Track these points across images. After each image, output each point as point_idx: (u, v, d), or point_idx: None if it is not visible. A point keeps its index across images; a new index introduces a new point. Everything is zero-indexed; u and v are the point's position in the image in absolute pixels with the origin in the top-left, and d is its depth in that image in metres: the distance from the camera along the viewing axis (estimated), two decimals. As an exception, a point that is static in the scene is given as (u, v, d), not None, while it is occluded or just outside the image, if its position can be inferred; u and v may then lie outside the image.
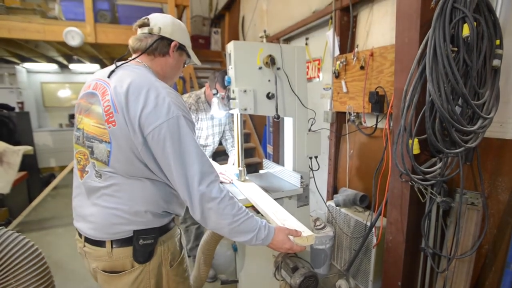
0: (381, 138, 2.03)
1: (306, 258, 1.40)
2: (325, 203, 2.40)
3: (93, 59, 4.95)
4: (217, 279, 2.39)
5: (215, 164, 1.89)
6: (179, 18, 4.23)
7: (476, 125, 1.35)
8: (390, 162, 1.68)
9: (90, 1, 3.26)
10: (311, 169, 1.71)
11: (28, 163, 3.56)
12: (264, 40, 1.58)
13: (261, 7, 4.08)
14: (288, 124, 1.66)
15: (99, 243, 0.95)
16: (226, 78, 1.49)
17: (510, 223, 1.44)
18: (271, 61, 1.47)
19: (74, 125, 1.04)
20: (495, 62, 1.33)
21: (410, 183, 1.55)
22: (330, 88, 2.57)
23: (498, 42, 1.32)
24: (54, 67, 5.73)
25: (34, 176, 4.23)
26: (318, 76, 2.99)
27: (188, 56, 1.15)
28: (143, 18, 1.05)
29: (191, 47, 1.17)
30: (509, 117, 1.42)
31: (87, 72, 6.05)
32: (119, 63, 0.99)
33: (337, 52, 2.43)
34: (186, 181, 0.88)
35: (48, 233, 3.24)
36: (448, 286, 1.58)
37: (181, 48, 1.09)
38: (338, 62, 2.37)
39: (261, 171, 1.95)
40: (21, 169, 3.00)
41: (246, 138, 4.74)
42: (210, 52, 5.95)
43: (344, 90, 2.36)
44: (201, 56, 3.48)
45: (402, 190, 1.63)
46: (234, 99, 1.47)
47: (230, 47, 1.44)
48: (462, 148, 1.37)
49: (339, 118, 2.59)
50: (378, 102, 2.01)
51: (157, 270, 1.00)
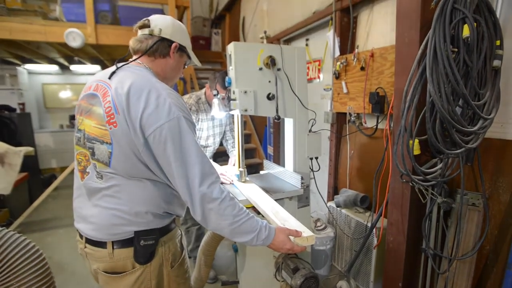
0: (381, 139, 2.03)
1: (306, 259, 1.40)
2: (325, 204, 2.40)
3: (94, 60, 4.96)
4: (217, 280, 2.39)
5: (216, 165, 1.89)
6: (180, 19, 4.24)
7: (476, 125, 1.35)
8: (391, 162, 1.68)
9: (91, 2, 3.27)
10: (312, 170, 1.71)
11: (29, 164, 3.57)
12: (265, 41, 1.59)
13: (261, 8, 4.09)
14: (289, 125, 1.66)
15: (100, 244, 0.96)
16: (227, 79, 1.49)
17: (511, 224, 1.44)
18: (271, 62, 1.47)
19: (75, 126, 1.04)
20: (496, 63, 1.32)
21: (411, 184, 1.55)
22: (331, 89, 2.57)
23: (498, 43, 1.32)
24: (55, 68, 5.74)
25: (35, 177, 4.24)
26: (319, 77, 3.00)
27: (189, 57, 1.15)
28: (144, 19, 1.05)
29: (192, 48, 1.17)
30: (509, 117, 1.42)
31: (88, 73, 6.06)
32: (119, 64, 1.00)
33: (337, 53, 2.43)
34: (187, 182, 0.88)
35: (49, 234, 3.25)
36: (449, 287, 1.58)
37: (181, 49, 1.09)
38: (339, 63, 2.37)
39: (261, 172, 1.96)
40: (22, 170, 3.00)
41: (247, 139, 4.74)
42: (210, 53, 5.97)
43: (345, 90, 2.36)
44: (201, 57, 3.48)
45: (402, 190, 1.63)
46: (234, 100, 1.47)
47: (231, 48, 1.45)
48: (463, 149, 1.36)
49: (340, 119, 2.59)
50: (378, 103, 2.01)
51: (158, 271, 1.00)
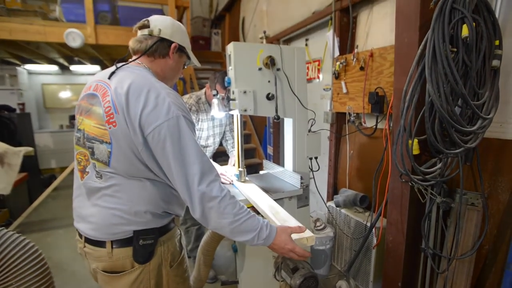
0: (381, 139, 2.03)
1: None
2: (325, 204, 2.40)
3: (93, 60, 4.96)
4: (217, 280, 2.39)
5: (216, 165, 1.89)
6: (180, 19, 4.24)
7: (475, 125, 1.35)
8: (390, 162, 1.68)
9: (90, 2, 3.27)
10: (311, 169, 1.71)
11: (29, 164, 3.57)
12: (264, 41, 1.59)
13: (261, 8, 4.09)
14: (288, 125, 1.66)
15: (99, 244, 0.96)
16: (226, 79, 1.49)
17: (510, 223, 1.44)
18: (271, 62, 1.47)
19: (74, 126, 1.05)
20: (495, 63, 1.33)
21: (410, 184, 1.55)
22: (330, 88, 2.58)
23: (497, 43, 1.32)
24: (55, 68, 5.75)
25: (35, 177, 4.24)
26: (318, 77, 3.00)
27: (188, 57, 1.15)
28: (143, 20, 1.06)
29: (191, 49, 1.17)
30: (509, 117, 1.42)
31: (87, 73, 6.06)
32: (119, 65, 1.00)
33: (337, 53, 2.43)
34: (186, 180, 0.88)
35: (49, 234, 3.25)
36: (448, 287, 1.58)
37: (181, 49, 1.10)
38: (338, 63, 2.38)
39: (261, 172, 1.96)
40: (21, 170, 3.00)
41: (247, 139, 4.74)
42: (210, 53, 5.97)
43: (344, 90, 2.36)
44: (201, 57, 3.48)
45: (402, 190, 1.63)
46: (234, 100, 1.47)
47: (230, 48, 1.45)
48: (462, 149, 1.37)
49: (339, 119, 2.59)
50: (378, 103, 2.01)
51: (157, 271, 1.00)
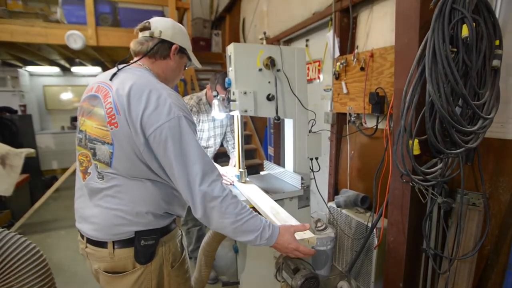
0: (381, 139, 2.03)
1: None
2: (326, 204, 2.39)
3: (95, 62, 4.98)
4: (218, 280, 2.39)
5: (217, 165, 1.90)
6: (180, 20, 4.26)
7: (476, 125, 1.35)
8: (391, 163, 1.68)
9: (91, 4, 3.29)
10: (312, 170, 1.71)
11: (31, 166, 3.57)
12: (264, 42, 1.59)
13: (261, 9, 4.10)
14: (289, 126, 1.66)
15: (101, 244, 0.96)
16: (227, 80, 1.49)
17: (512, 223, 1.44)
18: (271, 63, 1.48)
19: (76, 127, 1.05)
20: (495, 63, 1.32)
21: (411, 184, 1.55)
22: (331, 89, 2.58)
23: (497, 43, 1.32)
24: (56, 70, 5.77)
25: (36, 179, 4.25)
26: (319, 78, 3.00)
27: (189, 59, 1.16)
28: (144, 22, 1.06)
29: (192, 50, 1.18)
30: (509, 117, 1.42)
31: (89, 75, 6.08)
32: (121, 66, 1.01)
33: (337, 54, 2.43)
34: (188, 180, 0.89)
35: (50, 235, 3.26)
36: (450, 287, 1.57)
37: (181, 51, 1.10)
38: (338, 63, 2.38)
39: (261, 173, 1.96)
40: (23, 171, 3.01)
41: (247, 139, 4.74)
42: (211, 54, 5.98)
43: (345, 91, 2.36)
44: (202, 58, 3.49)
45: (403, 191, 1.63)
46: (234, 100, 1.47)
47: (230, 49, 1.45)
48: (463, 149, 1.36)
49: (340, 119, 2.59)
50: (378, 103, 2.01)
51: (158, 271, 1.00)
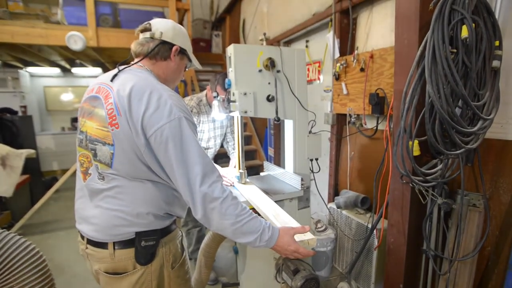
0: (381, 140, 2.03)
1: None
2: (326, 205, 2.39)
3: (95, 63, 4.99)
4: (218, 281, 2.39)
5: (217, 166, 1.90)
6: (180, 21, 4.26)
7: (476, 126, 1.35)
8: (391, 163, 1.68)
9: (92, 5, 3.30)
10: (312, 171, 1.71)
11: (31, 167, 3.58)
12: (264, 43, 1.60)
13: (261, 10, 4.11)
14: (289, 127, 1.67)
15: (102, 245, 0.96)
16: (226, 81, 1.50)
17: (512, 224, 1.44)
18: (271, 63, 1.48)
19: (77, 128, 1.05)
20: (495, 63, 1.33)
21: (411, 185, 1.55)
22: (331, 90, 2.58)
23: (497, 43, 1.32)
24: (56, 71, 5.78)
25: (37, 179, 4.25)
26: (319, 78, 3.00)
27: (189, 60, 1.16)
28: (145, 23, 1.07)
29: (192, 51, 1.18)
30: (509, 118, 1.42)
31: (89, 76, 6.10)
32: (121, 67, 1.01)
33: (337, 54, 2.44)
34: (188, 181, 0.89)
35: (50, 236, 3.26)
36: (450, 288, 1.57)
37: (182, 52, 1.11)
38: (338, 64, 2.38)
39: (261, 174, 1.96)
40: (23, 172, 3.02)
41: (248, 140, 4.74)
42: (211, 55, 5.99)
43: (345, 92, 2.36)
44: (202, 59, 3.48)
45: (403, 192, 1.63)
46: (234, 101, 1.47)
47: (230, 50, 1.45)
48: (463, 150, 1.36)
49: (340, 120, 2.59)
50: (378, 104, 2.01)
51: (158, 272, 1.00)
